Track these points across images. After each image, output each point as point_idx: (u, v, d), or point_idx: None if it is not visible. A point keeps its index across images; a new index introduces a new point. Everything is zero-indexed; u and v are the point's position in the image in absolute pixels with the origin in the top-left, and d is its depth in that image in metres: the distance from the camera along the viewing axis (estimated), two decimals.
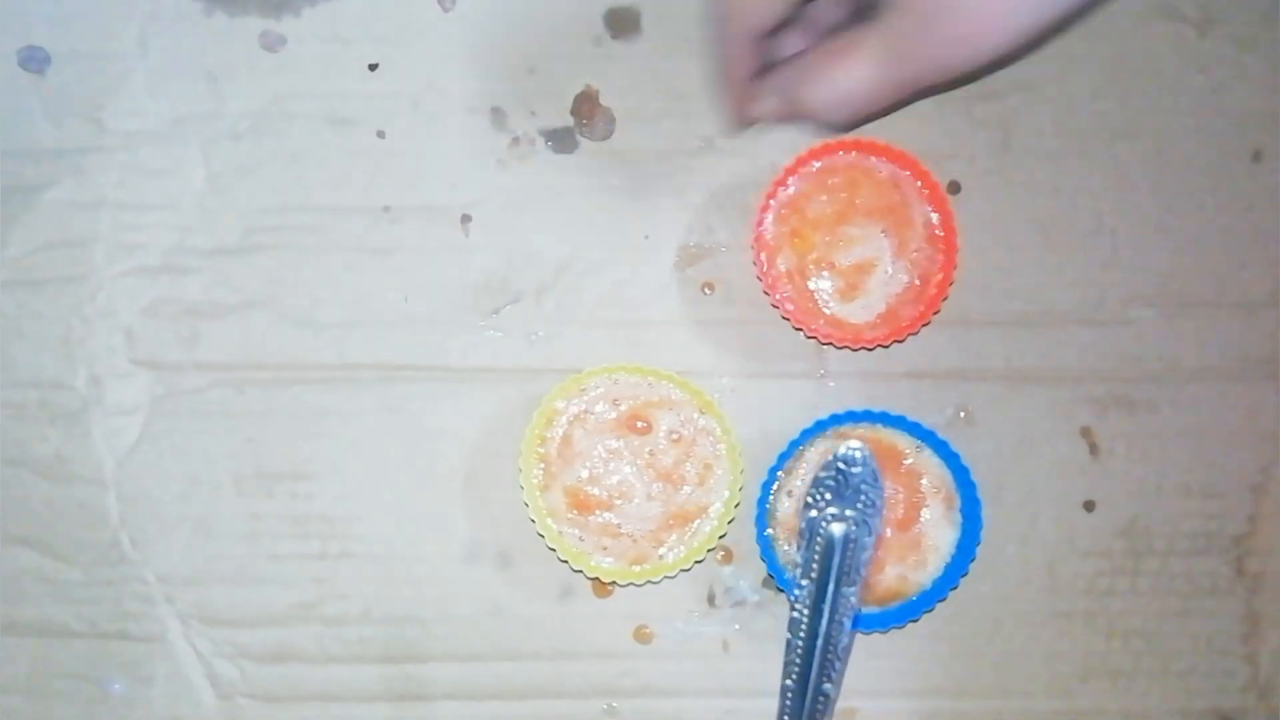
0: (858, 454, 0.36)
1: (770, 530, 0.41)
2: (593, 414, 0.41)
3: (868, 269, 0.42)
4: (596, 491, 0.41)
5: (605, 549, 0.41)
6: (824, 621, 0.37)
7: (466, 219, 0.43)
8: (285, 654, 0.42)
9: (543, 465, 0.41)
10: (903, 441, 0.41)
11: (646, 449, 0.41)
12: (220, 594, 0.42)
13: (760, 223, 0.41)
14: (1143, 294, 0.43)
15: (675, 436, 0.41)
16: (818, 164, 0.42)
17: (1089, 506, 0.42)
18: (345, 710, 0.42)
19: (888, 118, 0.42)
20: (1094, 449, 0.43)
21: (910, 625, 0.41)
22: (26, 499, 0.42)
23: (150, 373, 0.43)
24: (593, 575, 0.41)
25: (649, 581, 0.41)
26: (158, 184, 0.43)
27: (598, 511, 0.41)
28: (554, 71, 0.43)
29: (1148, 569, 0.42)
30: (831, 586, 0.37)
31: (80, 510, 0.42)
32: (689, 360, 0.42)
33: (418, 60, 0.43)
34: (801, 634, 0.37)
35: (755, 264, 0.41)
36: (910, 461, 0.41)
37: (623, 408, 0.41)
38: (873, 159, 0.42)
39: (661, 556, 0.41)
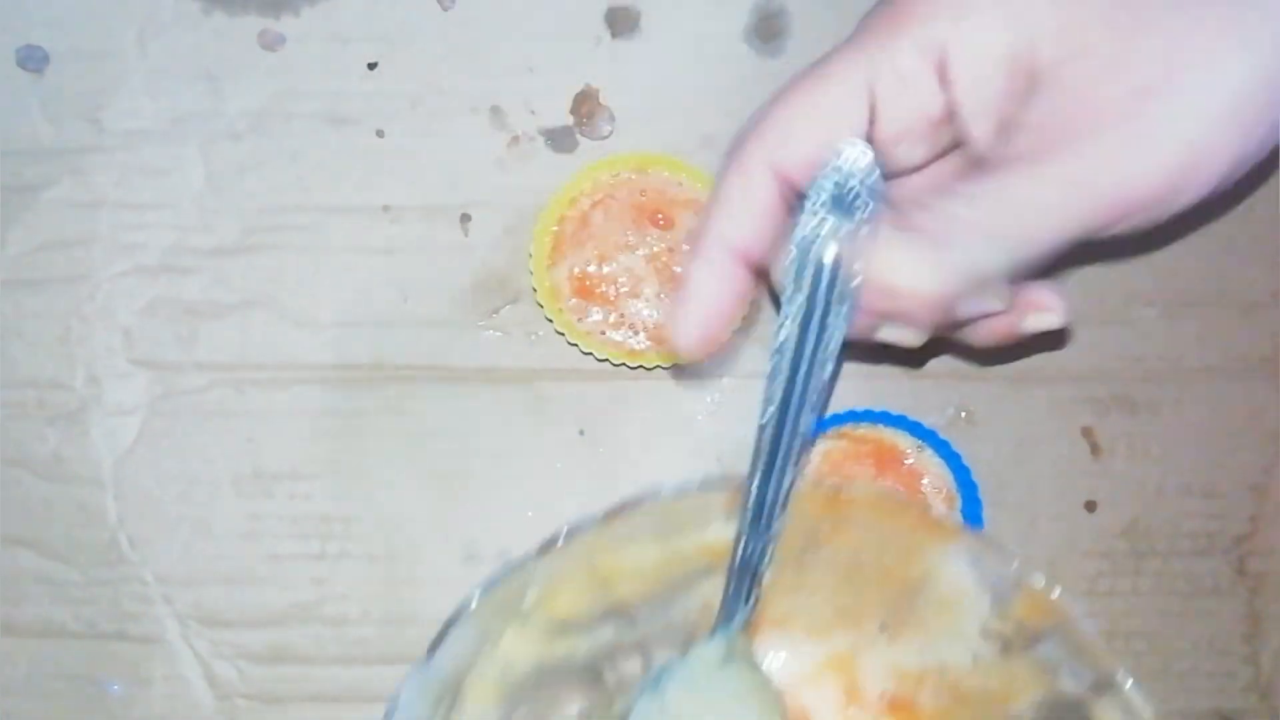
0: (862, 157, 0.31)
1: None
2: (615, 199, 0.41)
3: None
4: (604, 287, 0.41)
5: (603, 334, 0.41)
6: (810, 345, 0.33)
7: (466, 218, 0.43)
8: (284, 654, 0.42)
9: (553, 245, 0.41)
10: (903, 441, 0.41)
11: (664, 246, 0.41)
12: (219, 594, 0.42)
13: None
14: (1144, 293, 0.43)
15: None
16: None
17: (1090, 507, 0.42)
18: (345, 711, 0.42)
19: None
20: (1095, 449, 0.43)
21: None
22: (24, 499, 0.42)
23: (149, 373, 0.43)
24: (588, 351, 0.41)
25: (641, 366, 0.41)
26: (157, 184, 0.43)
27: (600, 304, 0.41)
28: (554, 70, 0.43)
29: (1149, 569, 0.42)
30: (820, 309, 0.32)
31: (78, 510, 0.42)
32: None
33: (417, 59, 0.43)
34: (787, 357, 0.33)
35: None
36: (911, 462, 0.41)
37: (645, 199, 0.41)
38: None
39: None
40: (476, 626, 0.35)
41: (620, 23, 0.43)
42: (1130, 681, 0.34)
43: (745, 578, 0.35)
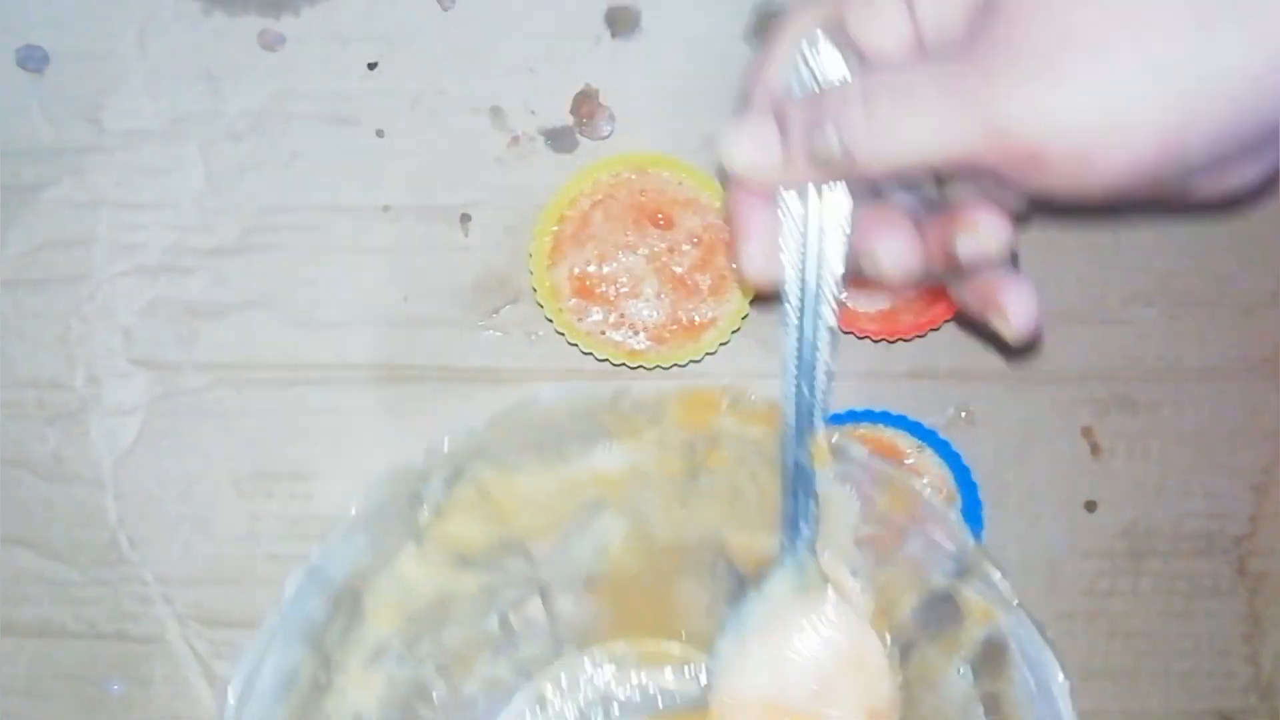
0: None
1: None
2: (615, 199, 0.41)
3: None
4: (604, 287, 0.41)
5: (603, 334, 0.41)
6: (814, 230, 0.33)
7: (466, 218, 0.43)
8: None
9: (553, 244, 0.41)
10: (903, 441, 0.41)
11: (665, 245, 0.41)
12: (219, 594, 0.42)
13: None
14: (1144, 293, 0.43)
15: (696, 239, 0.41)
16: None
17: (1090, 507, 0.42)
18: None
19: None
20: (1095, 449, 0.43)
21: None
22: (24, 499, 0.42)
23: (149, 373, 0.43)
24: (588, 351, 0.41)
25: (641, 366, 0.41)
26: (156, 184, 0.43)
27: (600, 304, 0.41)
28: (554, 70, 0.43)
29: (1149, 569, 0.42)
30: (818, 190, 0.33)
31: (78, 510, 0.42)
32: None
33: (417, 59, 0.43)
34: (793, 243, 0.33)
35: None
36: (911, 462, 0.41)
37: (645, 199, 0.41)
38: None
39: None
40: (367, 533, 0.35)
41: (620, 23, 0.43)
42: (984, 556, 0.34)
43: (801, 493, 0.34)
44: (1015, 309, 0.33)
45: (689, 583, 0.38)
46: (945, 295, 0.41)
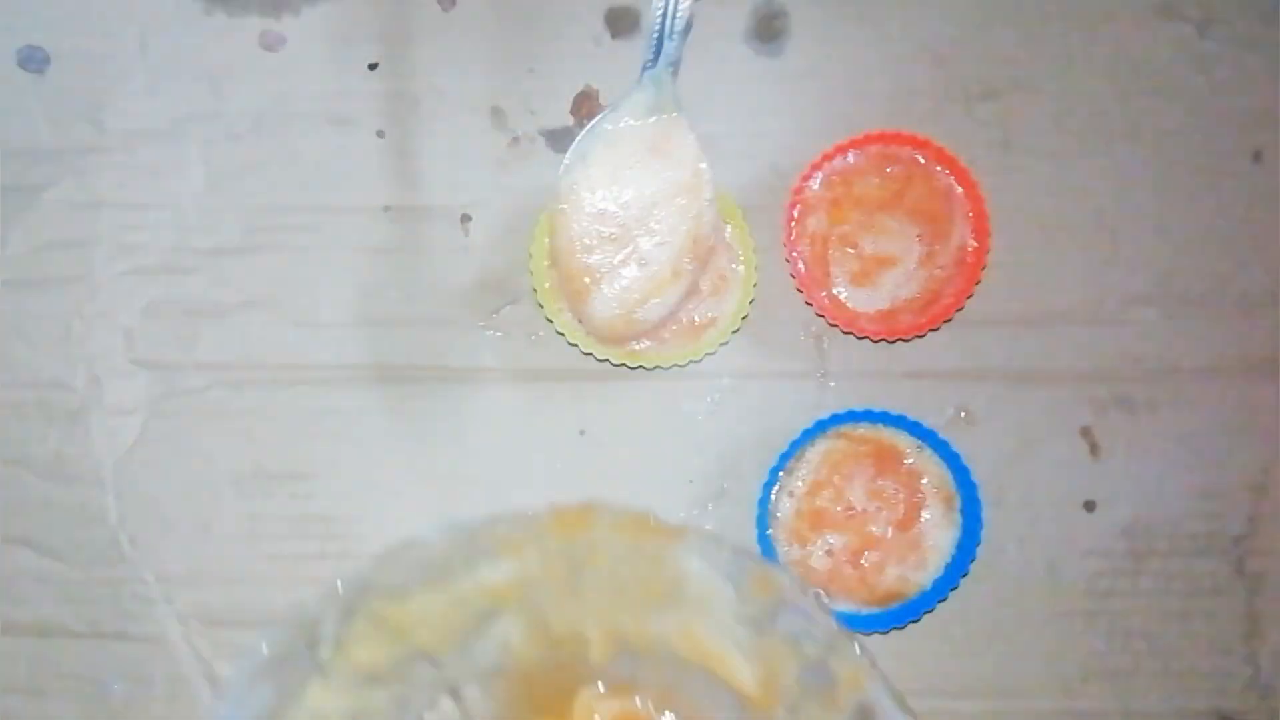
0: None
1: (771, 531, 0.41)
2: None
3: (888, 264, 0.42)
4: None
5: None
6: None
7: (466, 219, 0.43)
8: None
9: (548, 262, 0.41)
10: (903, 441, 0.41)
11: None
12: (219, 594, 0.42)
13: (807, 177, 0.41)
14: (1143, 294, 0.43)
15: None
16: (875, 149, 0.42)
17: (1089, 506, 0.42)
18: None
19: (891, 117, 0.42)
20: (1094, 449, 0.43)
21: (910, 626, 0.41)
22: (26, 499, 0.42)
23: (150, 373, 0.43)
24: (588, 351, 0.41)
25: (641, 366, 0.41)
26: (157, 184, 0.43)
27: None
28: (554, 71, 0.43)
29: (1148, 569, 0.42)
30: None
31: (79, 510, 0.42)
32: None
33: (418, 60, 0.43)
34: None
35: (786, 218, 0.41)
36: (911, 461, 0.41)
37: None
38: (938, 166, 0.42)
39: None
40: (270, 680, 0.35)
41: (620, 23, 0.43)
42: (846, 635, 0.35)
43: (670, 11, 0.37)
44: None
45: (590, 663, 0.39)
46: (944, 297, 0.42)
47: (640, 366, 0.41)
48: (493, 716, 0.38)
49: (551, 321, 0.41)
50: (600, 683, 0.38)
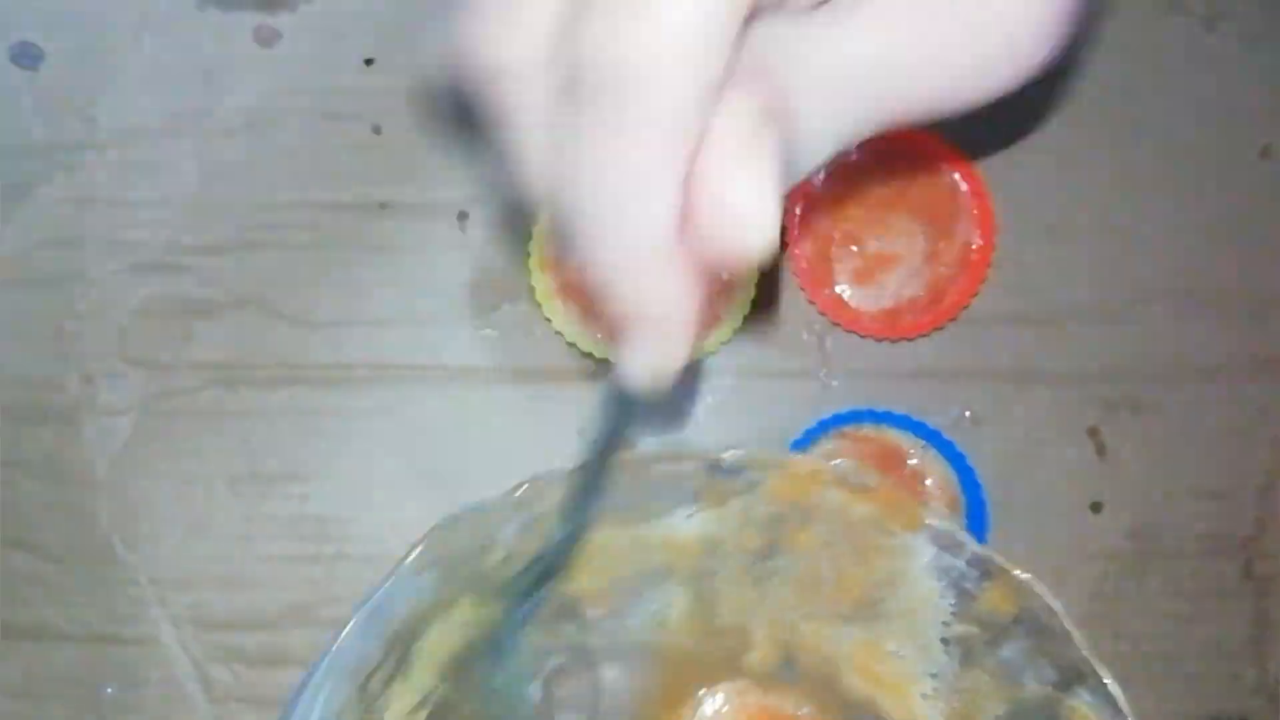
0: None
1: None
2: None
3: (890, 263, 0.41)
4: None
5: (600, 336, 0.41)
6: None
7: (463, 216, 0.42)
8: (279, 657, 0.42)
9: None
10: (907, 442, 0.41)
11: None
12: (213, 596, 0.42)
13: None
14: (1150, 292, 0.42)
15: None
16: (879, 145, 0.41)
17: (1096, 508, 0.42)
18: None
19: None
20: (1101, 450, 0.42)
21: None
22: (17, 500, 0.42)
23: (143, 372, 0.42)
24: (586, 351, 0.41)
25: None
26: (151, 181, 0.42)
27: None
28: None
29: (1155, 571, 0.42)
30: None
31: (72, 511, 0.42)
32: None
33: (414, 55, 0.42)
34: None
35: (788, 215, 0.41)
36: (914, 462, 0.41)
37: None
38: (942, 163, 0.41)
39: None
40: (434, 572, 0.32)
41: None
42: (1099, 668, 0.32)
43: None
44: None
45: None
46: (948, 295, 0.41)
47: None
48: (622, 710, 0.36)
49: (550, 320, 0.41)
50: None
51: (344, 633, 0.32)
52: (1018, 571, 0.33)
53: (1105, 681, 0.32)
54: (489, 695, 0.35)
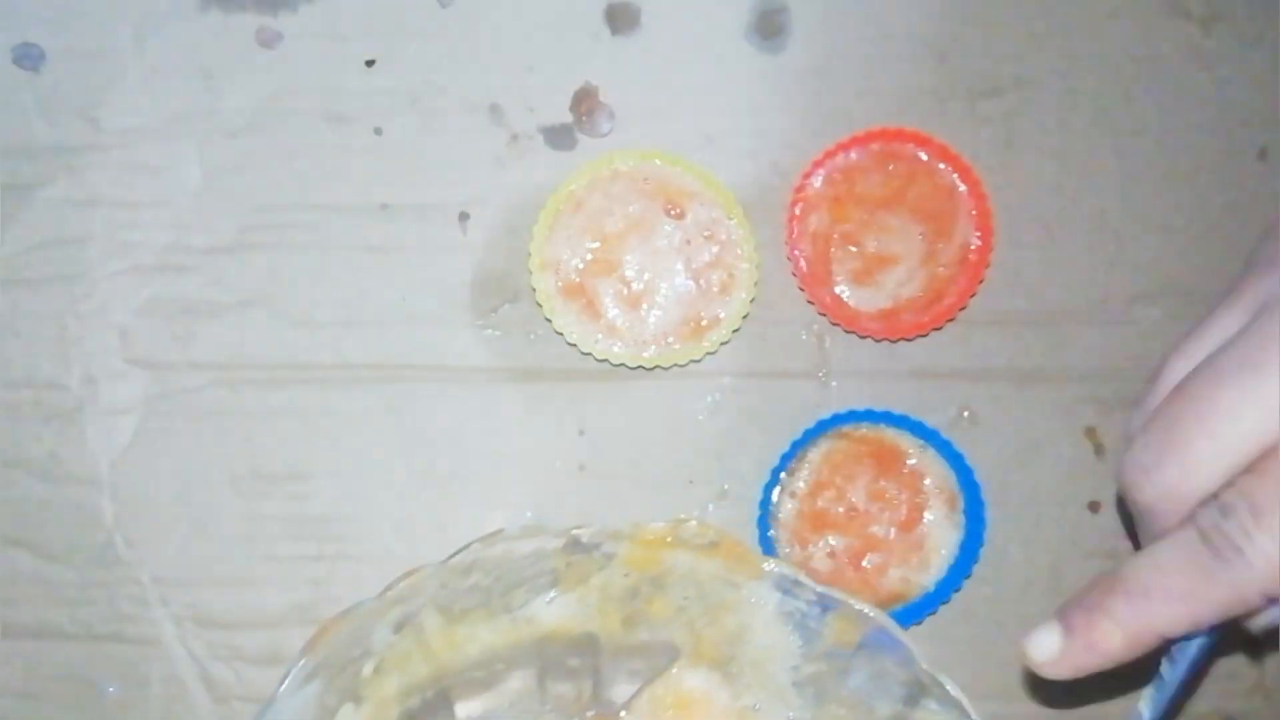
0: None
1: (773, 532, 0.41)
2: (614, 197, 0.41)
3: (889, 263, 0.41)
4: (605, 285, 0.41)
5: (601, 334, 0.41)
6: None
7: (464, 217, 0.43)
8: (281, 657, 0.42)
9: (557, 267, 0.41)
10: (906, 442, 0.41)
11: (667, 243, 0.41)
12: (216, 596, 0.42)
13: (808, 175, 0.41)
14: (1148, 293, 0.42)
15: (708, 233, 0.41)
16: (877, 146, 0.41)
17: (1094, 507, 0.42)
18: None
19: (893, 114, 0.42)
20: (1099, 449, 0.42)
21: (913, 627, 0.41)
22: (20, 500, 0.42)
23: (145, 372, 0.42)
24: (586, 351, 0.41)
25: (641, 366, 0.41)
26: (153, 182, 0.43)
27: (601, 301, 0.41)
28: (553, 68, 0.42)
29: None
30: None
31: (74, 511, 0.42)
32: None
33: (415, 57, 0.42)
34: None
35: (787, 216, 0.41)
36: (913, 462, 0.41)
37: (646, 196, 0.41)
38: (940, 164, 0.41)
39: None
40: (320, 681, 0.34)
41: (620, 19, 0.43)
42: (940, 677, 0.33)
43: None
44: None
45: None
46: (947, 296, 0.41)
47: (640, 366, 0.41)
48: None
49: (550, 321, 0.41)
50: None
51: None
52: (854, 601, 0.34)
53: (948, 688, 0.33)
54: None
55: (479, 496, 0.42)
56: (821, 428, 0.41)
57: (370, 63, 0.43)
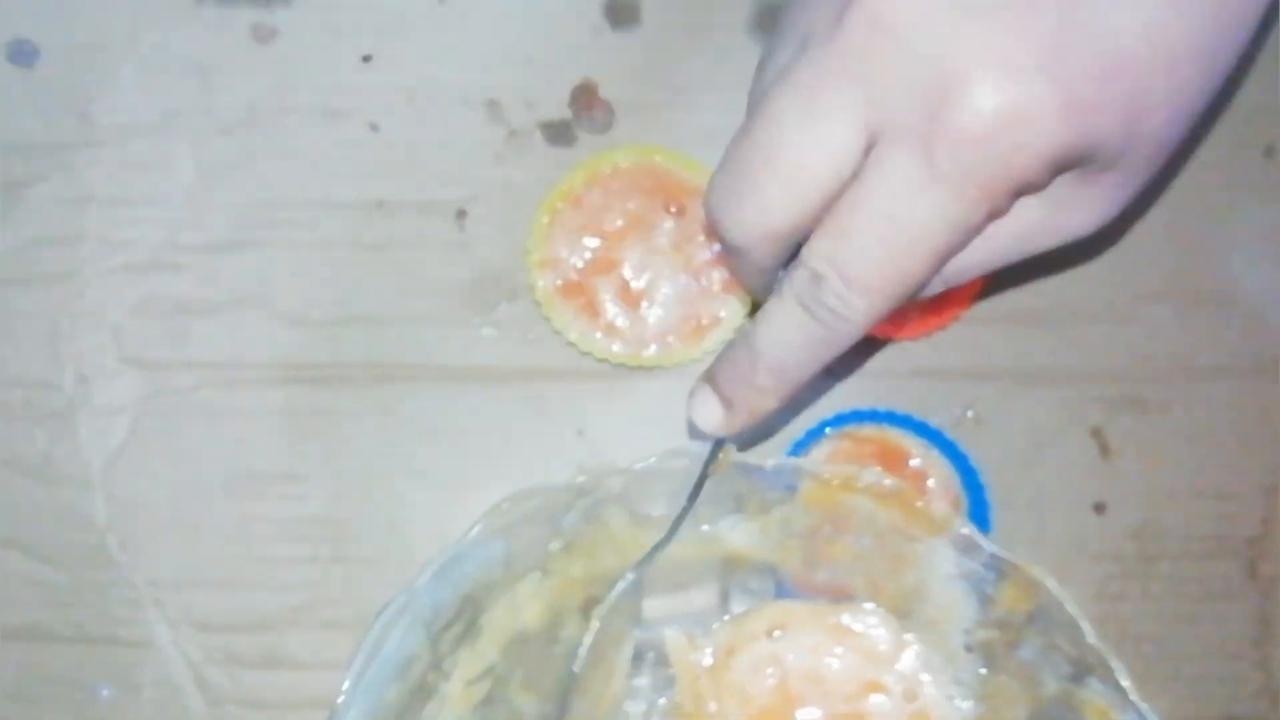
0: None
1: None
2: (614, 193, 0.41)
3: None
4: (605, 284, 0.41)
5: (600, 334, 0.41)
6: None
7: (462, 214, 0.42)
8: (277, 660, 0.41)
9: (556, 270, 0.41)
10: (909, 442, 0.41)
11: (667, 241, 0.41)
12: (210, 598, 0.42)
13: None
14: (1154, 292, 0.42)
15: (709, 231, 0.41)
16: None
17: (1099, 508, 0.42)
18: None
19: None
20: (1105, 450, 0.42)
21: None
22: (12, 500, 0.42)
23: (139, 371, 0.42)
24: (586, 350, 0.41)
25: (641, 366, 0.41)
26: (147, 179, 0.42)
27: (601, 301, 0.41)
28: (551, 63, 0.42)
29: (1159, 572, 0.42)
30: None
31: (67, 512, 0.42)
32: None
33: (412, 52, 0.42)
34: None
35: None
36: (917, 462, 0.41)
37: (646, 192, 0.41)
38: None
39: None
40: (505, 541, 0.35)
41: (620, 14, 0.42)
42: (1108, 657, 0.34)
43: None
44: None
45: None
46: (950, 296, 0.41)
47: (640, 366, 0.41)
48: None
49: (549, 319, 0.41)
50: None
51: (421, 578, 0.34)
52: (1027, 566, 0.35)
53: (1113, 668, 0.33)
54: (543, 671, 0.37)
55: (477, 497, 0.42)
56: (823, 428, 0.41)
57: (367, 58, 0.42)
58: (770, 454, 0.41)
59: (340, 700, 0.34)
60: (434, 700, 0.36)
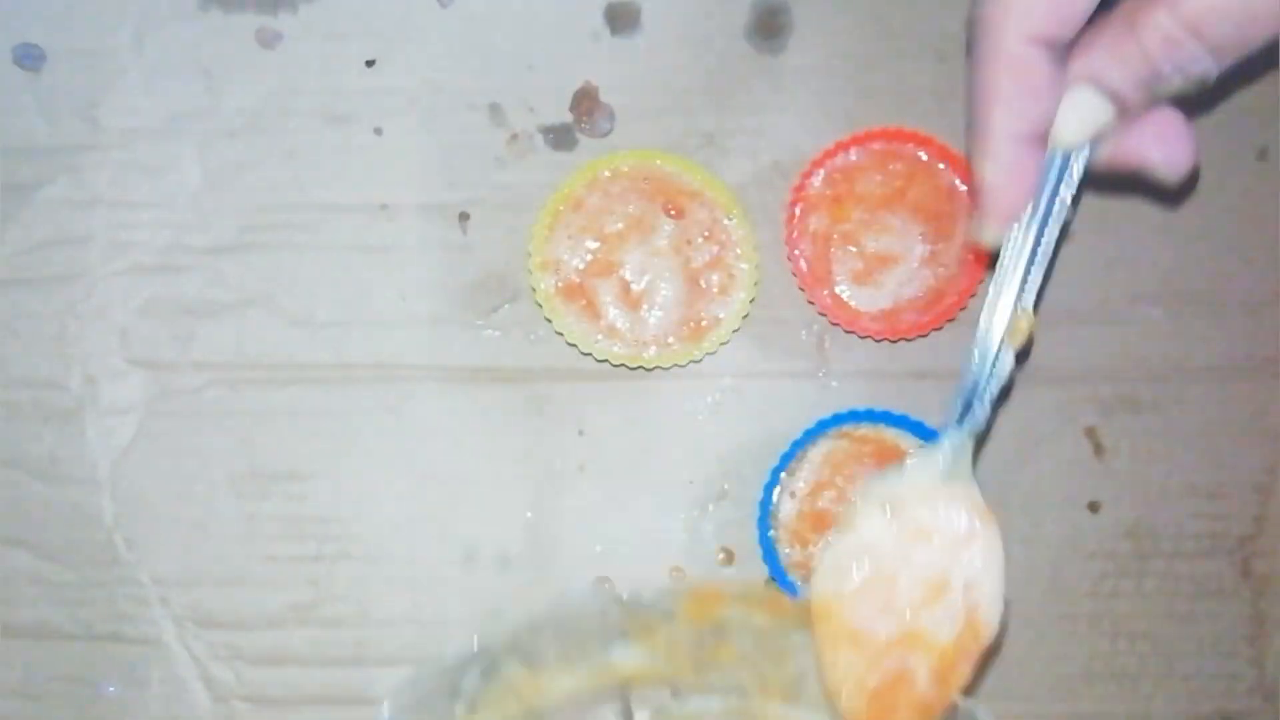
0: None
1: (773, 532, 0.41)
2: (613, 196, 0.41)
3: (890, 262, 0.41)
4: (605, 285, 0.41)
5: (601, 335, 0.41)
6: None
7: (464, 217, 0.42)
8: (281, 657, 0.42)
9: (556, 270, 0.41)
10: (906, 442, 0.41)
11: (667, 243, 0.41)
12: (215, 596, 0.42)
13: (809, 175, 0.41)
14: (1148, 293, 0.42)
15: (708, 234, 0.41)
16: (878, 146, 0.41)
17: (1094, 507, 0.42)
18: (342, 713, 0.42)
19: (894, 114, 0.42)
20: (1099, 449, 0.42)
21: None
22: (20, 500, 0.42)
23: (145, 372, 0.42)
24: (586, 351, 0.41)
25: (641, 366, 0.41)
26: (153, 182, 0.42)
27: (601, 302, 0.41)
28: (553, 67, 0.42)
29: (1153, 570, 0.42)
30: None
31: (74, 511, 0.42)
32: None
33: (415, 57, 0.42)
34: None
35: (787, 216, 0.41)
36: None
37: (645, 195, 0.41)
38: (941, 164, 0.41)
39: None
40: None
41: (620, 19, 0.43)
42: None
43: (984, 377, 0.35)
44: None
45: None
46: (947, 296, 0.41)
47: (640, 367, 0.41)
48: None
49: (550, 321, 0.41)
50: None
51: None
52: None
53: None
54: None
55: (478, 496, 0.42)
56: (822, 428, 0.41)
57: (370, 62, 0.43)
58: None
59: None
60: None
